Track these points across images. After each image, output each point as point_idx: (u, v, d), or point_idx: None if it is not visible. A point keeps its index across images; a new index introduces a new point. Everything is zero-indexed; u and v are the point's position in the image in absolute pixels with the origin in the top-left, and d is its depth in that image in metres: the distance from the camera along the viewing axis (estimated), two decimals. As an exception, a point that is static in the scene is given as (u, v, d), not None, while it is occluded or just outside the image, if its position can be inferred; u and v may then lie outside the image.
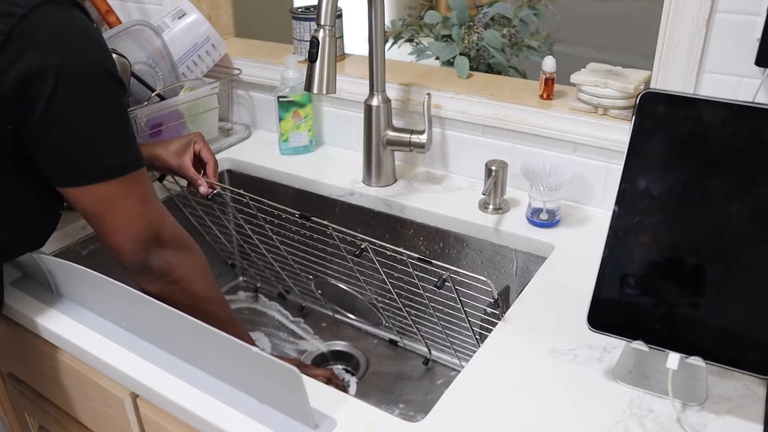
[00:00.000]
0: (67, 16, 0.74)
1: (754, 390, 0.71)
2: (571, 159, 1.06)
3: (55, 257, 0.86)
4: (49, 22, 0.72)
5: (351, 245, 0.96)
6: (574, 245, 0.99)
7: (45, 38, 0.71)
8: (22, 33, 0.70)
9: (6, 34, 0.69)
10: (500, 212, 1.07)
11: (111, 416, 0.87)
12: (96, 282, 0.81)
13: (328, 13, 0.93)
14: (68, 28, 0.74)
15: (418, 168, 1.24)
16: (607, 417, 0.69)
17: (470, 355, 1.06)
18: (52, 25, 0.72)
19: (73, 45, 0.73)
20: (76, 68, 0.73)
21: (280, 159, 1.30)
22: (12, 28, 0.69)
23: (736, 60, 0.89)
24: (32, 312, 0.88)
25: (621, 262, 0.70)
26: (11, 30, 0.69)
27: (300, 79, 1.25)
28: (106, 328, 0.84)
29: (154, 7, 1.47)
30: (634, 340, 0.70)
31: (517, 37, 1.45)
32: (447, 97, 1.15)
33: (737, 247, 0.66)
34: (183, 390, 0.74)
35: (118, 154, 0.78)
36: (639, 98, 0.68)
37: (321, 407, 0.70)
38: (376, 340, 1.25)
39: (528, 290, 0.90)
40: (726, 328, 0.67)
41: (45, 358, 0.91)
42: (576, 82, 1.03)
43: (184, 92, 1.28)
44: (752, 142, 0.64)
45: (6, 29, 0.69)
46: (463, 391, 0.74)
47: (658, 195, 0.68)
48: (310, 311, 1.33)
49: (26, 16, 0.70)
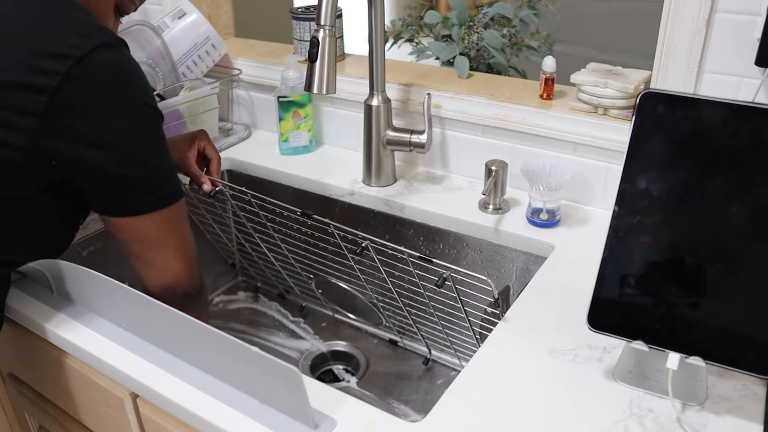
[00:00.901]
0: (119, 57, 0.77)
1: (754, 390, 0.72)
2: (571, 159, 1.06)
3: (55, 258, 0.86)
4: (104, 63, 0.75)
5: (352, 244, 0.96)
6: (574, 245, 0.99)
7: (100, 78, 0.74)
8: (79, 74, 0.72)
9: (64, 75, 0.72)
10: (500, 212, 1.07)
11: (111, 416, 0.87)
12: (96, 282, 0.81)
13: (328, 13, 0.93)
14: (121, 68, 0.77)
15: (418, 168, 1.24)
16: (607, 417, 0.69)
17: (470, 354, 1.06)
18: (107, 66, 0.75)
19: (125, 84, 0.77)
20: (128, 106, 0.77)
21: (280, 159, 1.30)
22: (70, 69, 0.72)
23: (736, 60, 0.89)
24: (32, 312, 0.88)
25: (621, 262, 0.70)
26: (69, 71, 0.72)
27: (300, 79, 1.25)
28: (106, 328, 0.84)
29: (154, 7, 1.47)
30: (634, 340, 0.70)
31: (517, 37, 1.45)
32: (447, 97, 1.15)
33: (737, 247, 0.66)
34: (183, 390, 0.74)
35: (171, 183, 0.83)
36: (639, 98, 0.68)
37: (321, 407, 0.70)
38: (376, 340, 1.25)
39: (528, 290, 0.90)
40: (726, 328, 0.67)
41: (45, 358, 0.91)
42: (576, 82, 1.03)
43: (184, 92, 1.28)
44: (752, 142, 0.64)
45: (64, 70, 0.72)
46: (463, 391, 0.74)
47: (658, 195, 0.68)
48: (310, 311, 1.33)
49: (84, 58, 0.73)
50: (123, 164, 0.77)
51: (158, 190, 0.81)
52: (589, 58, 1.17)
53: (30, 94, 0.71)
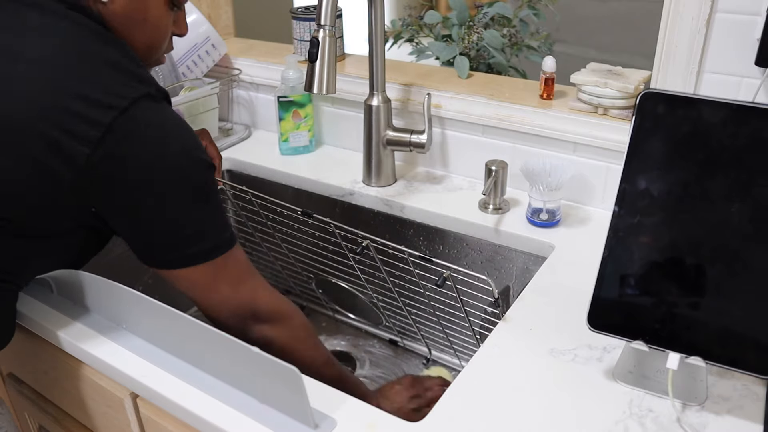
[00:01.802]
0: (162, 111, 0.74)
1: (754, 390, 0.71)
2: (571, 159, 1.06)
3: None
4: (148, 116, 0.72)
5: (352, 243, 0.96)
6: (574, 245, 0.98)
7: (143, 132, 0.71)
8: (122, 126, 0.70)
9: (107, 126, 0.69)
10: (500, 212, 1.07)
11: (111, 416, 0.87)
12: (96, 283, 0.81)
13: (328, 13, 0.93)
14: (165, 122, 0.74)
15: (418, 168, 1.24)
16: (607, 417, 0.69)
17: (470, 354, 1.06)
18: (150, 118, 0.72)
19: (169, 138, 0.74)
20: (171, 160, 0.73)
21: (280, 159, 1.30)
22: (113, 121, 0.69)
23: (736, 60, 0.89)
24: (32, 312, 0.88)
25: (621, 262, 0.70)
26: (112, 123, 0.69)
27: (300, 79, 1.25)
28: (106, 328, 0.84)
29: (154, 7, 1.47)
30: (634, 340, 0.70)
31: (517, 37, 1.45)
32: (447, 97, 1.15)
33: (737, 247, 0.66)
34: (183, 390, 0.74)
35: (207, 239, 0.77)
36: (639, 98, 0.68)
37: (321, 407, 0.70)
38: (376, 340, 1.25)
39: (528, 290, 0.90)
40: (726, 328, 0.67)
41: (45, 358, 0.91)
42: (576, 82, 1.03)
43: (184, 92, 1.28)
44: (752, 142, 0.64)
45: (107, 121, 0.69)
46: (463, 390, 0.74)
47: (658, 195, 0.68)
48: (310, 311, 1.33)
49: (128, 109, 0.70)
50: (154, 223, 0.75)
51: (188, 248, 0.76)
52: (589, 58, 1.17)
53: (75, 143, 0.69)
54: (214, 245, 0.78)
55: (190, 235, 0.76)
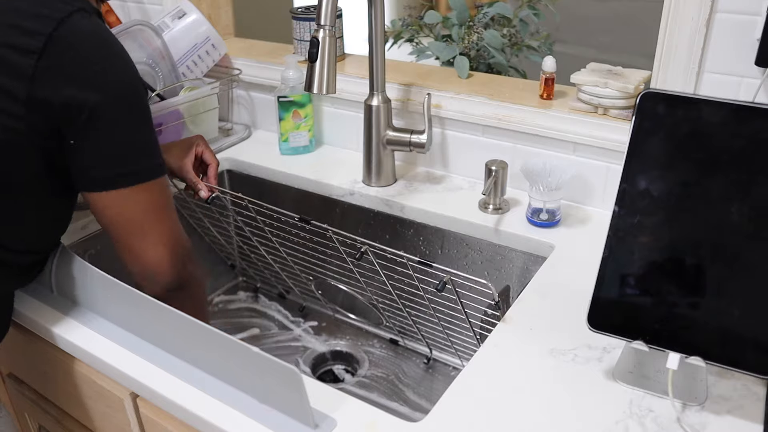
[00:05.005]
0: (97, 23, 0.78)
1: (754, 390, 0.72)
2: (571, 159, 1.06)
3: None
4: (84, 25, 0.76)
5: (351, 248, 0.96)
6: (574, 245, 0.98)
7: (84, 39, 0.76)
8: (62, 35, 0.74)
9: (48, 36, 0.73)
10: (500, 212, 1.07)
11: (111, 416, 0.87)
12: (96, 281, 0.81)
13: (328, 13, 0.93)
14: (102, 31, 0.78)
15: (418, 168, 1.24)
16: (607, 417, 0.69)
17: (471, 354, 1.06)
18: (86, 27, 0.76)
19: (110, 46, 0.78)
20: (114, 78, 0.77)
21: (280, 159, 1.30)
22: (53, 31, 0.73)
23: (736, 60, 0.89)
24: (32, 312, 0.88)
25: (621, 262, 0.70)
26: (52, 32, 0.73)
27: (300, 79, 1.25)
28: (106, 328, 0.84)
29: (154, 7, 1.47)
30: (634, 340, 0.70)
31: (517, 37, 1.45)
32: (447, 97, 1.15)
33: (737, 247, 0.66)
34: (183, 390, 0.74)
35: (151, 157, 0.81)
36: (639, 98, 0.68)
37: (321, 407, 0.70)
38: (377, 340, 1.25)
39: (528, 290, 0.90)
40: (726, 328, 0.67)
41: (45, 358, 0.91)
42: (576, 82, 1.03)
43: (184, 92, 1.28)
44: (752, 142, 0.64)
45: (47, 31, 0.73)
46: (464, 391, 0.74)
47: (658, 195, 0.68)
48: (310, 311, 1.33)
49: (64, 20, 0.74)
50: (104, 141, 0.77)
51: (135, 163, 0.79)
52: (589, 58, 1.17)
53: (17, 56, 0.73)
54: (151, 166, 0.81)
55: (140, 151, 0.80)
